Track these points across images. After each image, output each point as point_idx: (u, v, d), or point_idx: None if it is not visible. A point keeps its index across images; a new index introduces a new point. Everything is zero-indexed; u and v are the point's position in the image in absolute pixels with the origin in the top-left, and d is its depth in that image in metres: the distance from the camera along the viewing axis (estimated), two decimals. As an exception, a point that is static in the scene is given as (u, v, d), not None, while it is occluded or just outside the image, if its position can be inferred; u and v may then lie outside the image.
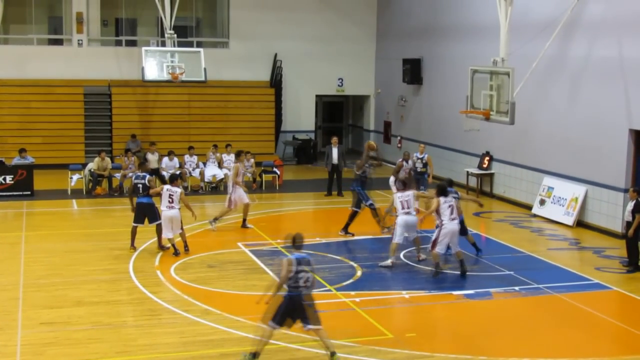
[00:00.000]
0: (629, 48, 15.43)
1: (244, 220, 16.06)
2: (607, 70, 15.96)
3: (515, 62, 15.43)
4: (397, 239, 13.16)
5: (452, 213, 12.54)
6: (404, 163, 17.47)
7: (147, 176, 14.10)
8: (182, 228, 13.85)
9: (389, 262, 13.12)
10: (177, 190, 13.57)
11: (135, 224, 13.95)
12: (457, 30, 21.63)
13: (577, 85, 16.91)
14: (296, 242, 9.16)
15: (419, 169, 18.43)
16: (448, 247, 12.87)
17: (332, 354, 8.99)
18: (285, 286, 8.92)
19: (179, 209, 13.59)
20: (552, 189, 17.57)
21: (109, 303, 11.09)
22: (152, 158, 19.97)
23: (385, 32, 26.32)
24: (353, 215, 15.35)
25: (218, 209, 18.56)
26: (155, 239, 14.07)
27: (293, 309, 8.96)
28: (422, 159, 18.67)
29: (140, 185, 13.94)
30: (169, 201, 13.46)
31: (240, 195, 15.85)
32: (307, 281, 8.95)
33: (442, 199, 12.61)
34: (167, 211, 13.52)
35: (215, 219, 15.85)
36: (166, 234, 13.63)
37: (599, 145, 16.24)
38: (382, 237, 14.96)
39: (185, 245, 13.86)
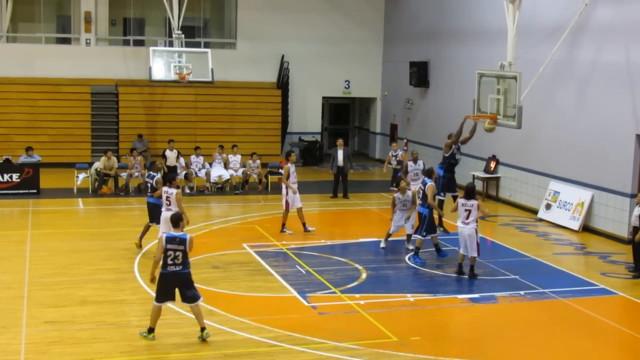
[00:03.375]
0: (636, 53, 15.36)
1: (304, 224, 15.56)
2: (614, 75, 15.90)
3: (523, 66, 15.37)
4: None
5: (467, 217, 12.53)
6: (410, 163, 17.49)
7: (156, 176, 14.02)
8: None
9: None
10: (173, 192, 13.10)
11: (149, 223, 13.92)
12: (465, 34, 21.59)
13: (584, 90, 16.85)
14: (172, 221, 9.74)
15: (393, 166, 19.71)
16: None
17: (150, 329, 9.61)
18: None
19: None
20: (558, 193, 17.51)
21: (114, 302, 11.08)
22: (170, 155, 19.93)
23: (392, 35, 26.29)
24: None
25: (223, 210, 18.65)
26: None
27: (167, 285, 9.50)
28: (396, 156, 19.76)
29: (149, 185, 13.91)
30: (166, 203, 13.18)
31: (292, 198, 15.43)
32: (175, 259, 9.41)
33: (462, 200, 12.64)
34: (165, 212, 13.21)
35: (283, 225, 15.60)
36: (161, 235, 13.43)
37: (605, 150, 16.17)
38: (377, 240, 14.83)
39: None
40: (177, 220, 9.72)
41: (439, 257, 13.81)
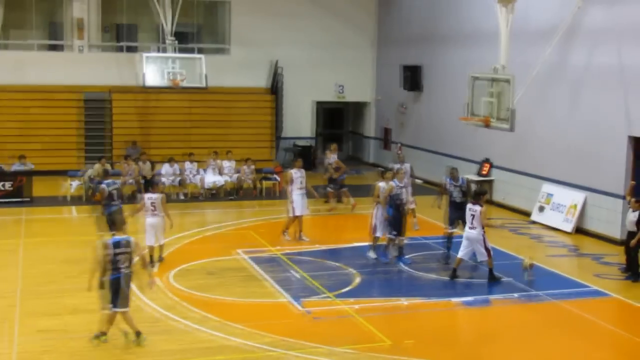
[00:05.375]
0: (628, 55, 15.43)
1: (300, 232, 15.40)
2: (607, 77, 15.96)
3: (516, 69, 15.42)
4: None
5: (471, 222, 12.59)
6: (397, 165, 17.52)
7: (117, 183, 13.92)
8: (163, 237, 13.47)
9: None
10: (158, 197, 13.18)
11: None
12: (457, 37, 21.64)
13: (577, 92, 16.91)
14: (114, 225, 9.81)
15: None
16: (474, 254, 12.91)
17: (137, 333, 9.64)
18: (109, 269, 9.50)
19: (163, 216, 13.26)
20: (551, 195, 17.56)
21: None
22: (143, 167, 19.70)
23: (385, 39, 26.34)
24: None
25: (217, 216, 18.64)
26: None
27: (122, 287, 9.56)
28: (330, 163, 19.19)
29: (115, 192, 13.70)
30: (151, 208, 13.19)
31: (299, 204, 15.23)
32: (125, 261, 9.46)
33: (469, 204, 12.74)
34: (150, 218, 13.21)
35: (285, 230, 15.51)
36: (148, 241, 13.27)
37: (598, 152, 16.23)
38: (378, 245, 14.85)
39: (160, 255, 13.51)
40: (118, 223, 9.81)
41: (381, 257, 13.87)
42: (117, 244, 9.50)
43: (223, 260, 13.88)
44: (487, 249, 12.66)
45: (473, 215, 12.58)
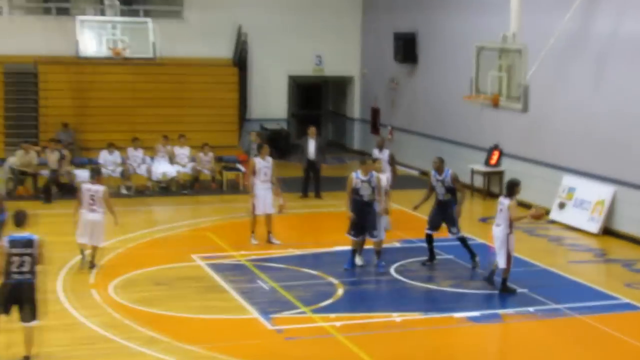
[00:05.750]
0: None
1: (269, 233, 15.43)
2: (638, 48, 16.01)
3: (529, 38, 15.51)
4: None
5: (497, 217, 12.68)
6: (375, 151, 17.61)
7: None
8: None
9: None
10: (99, 189, 13.30)
11: None
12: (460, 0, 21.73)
13: (603, 66, 16.98)
14: (16, 220, 9.72)
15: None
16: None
17: (26, 358, 9.52)
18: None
19: (104, 213, 13.36)
20: (574, 190, 17.67)
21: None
22: (51, 156, 19.51)
23: (373, 1, 26.34)
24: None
25: (168, 214, 18.51)
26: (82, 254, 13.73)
27: (7, 297, 9.45)
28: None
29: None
30: (89, 202, 13.26)
31: (262, 200, 15.25)
32: (20, 265, 9.39)
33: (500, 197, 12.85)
34: (88, 214, 13.29)
35: (252, 232, 15.47)
36: (79, 239, 13.42)
37: (629, 138, 16.32)
38: (366, 248, 14.83)
39: (93, 261, 13.57)
40: (22, 219, 9.75)
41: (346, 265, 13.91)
42: (13, 243, 9.44)
43: (176, 268, 13.84)
44: (507, 253, 12.62)
45: (501, 210, 12.63)
